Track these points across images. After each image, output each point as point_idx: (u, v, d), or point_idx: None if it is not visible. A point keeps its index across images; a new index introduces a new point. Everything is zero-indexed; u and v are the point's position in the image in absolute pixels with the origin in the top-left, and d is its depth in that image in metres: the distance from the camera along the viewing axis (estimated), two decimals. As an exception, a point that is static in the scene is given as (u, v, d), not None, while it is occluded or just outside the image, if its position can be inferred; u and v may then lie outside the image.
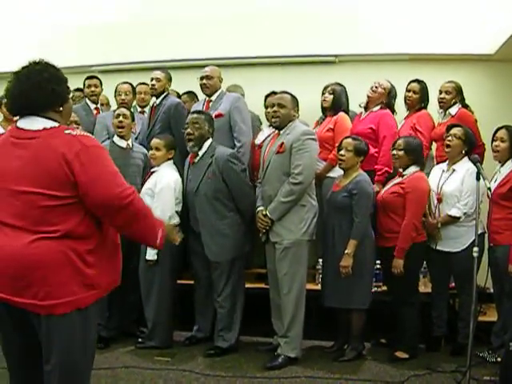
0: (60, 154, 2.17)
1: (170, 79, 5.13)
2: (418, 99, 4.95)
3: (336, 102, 4.96)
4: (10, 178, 2.20)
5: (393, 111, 4.99)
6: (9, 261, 2.13)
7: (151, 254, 4.36)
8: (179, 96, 5.56)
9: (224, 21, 5.77)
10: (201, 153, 4.44)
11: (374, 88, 4.94)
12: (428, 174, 4.48)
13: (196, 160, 4.47)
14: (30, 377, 2.36)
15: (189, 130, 4.41)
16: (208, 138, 4.45)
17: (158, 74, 5.08)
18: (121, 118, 4.67)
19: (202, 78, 4.93)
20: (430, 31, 5.56)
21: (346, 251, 4.08)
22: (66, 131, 2.24)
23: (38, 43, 5.65)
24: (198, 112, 4.60)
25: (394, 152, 4.30)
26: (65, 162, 2.17)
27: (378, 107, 4.92)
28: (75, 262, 2.19)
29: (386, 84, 4.96)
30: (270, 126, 4.83)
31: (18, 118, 2.34)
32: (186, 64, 6.10)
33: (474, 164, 3.70)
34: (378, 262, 4.55)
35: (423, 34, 5.60)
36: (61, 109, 2.35)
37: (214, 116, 4.66)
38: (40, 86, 2.27)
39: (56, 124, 2.28)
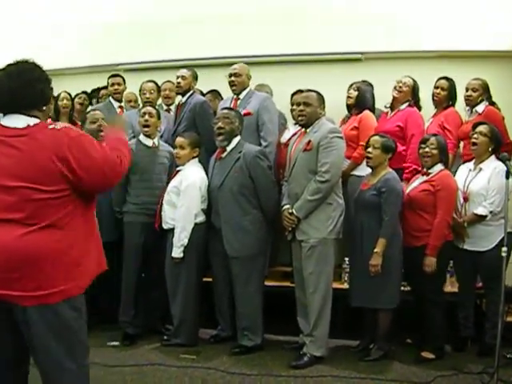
0: (50, 149, 2.23)
1: (195, 77, 5.13)
2: (446, 96, 4.90)
3: (360, 100, 4.94)
4: None
5: (419, 107, 4.96)
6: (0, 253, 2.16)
7: (177, 252, 4.36)
8: (203, 95, 5.54)
9: (250, 18, 5.75)
10: (229, 148, 4.44)
11: (398, 88, 4.91)
12: (456, 173, 4.44)
13: (224, 155, 4.47)
14: (15, 377, 2.37)
15: (220, 124, 4.41)
16: (237, 134, 4.45)
17: (184, 72, 5.08)
18: (146, 117, 4.66)
19: (230, 75, 4.92)
20: (457, 27, 5.49)
21: (375, 250, 4.05)
22: (50, 126, 2.30)
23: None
24: (229, 108, 4.61)
25: (427, 150, 4.25)
26: (56, 158, 2.22)
27: (406, 105, 4.89)
28: (67, 253, 2.25)
29: (408, 81, 4.92)
30: (295, 124, 4.82)
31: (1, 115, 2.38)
32: (211, 62, 6.07)
33: (503, 162, 3.65)
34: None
35: (450, 31, 5.52)
36: (44, 108, 2.40)
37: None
38: (30, 85, 2.32)
39: (38, 120, 2.32)
